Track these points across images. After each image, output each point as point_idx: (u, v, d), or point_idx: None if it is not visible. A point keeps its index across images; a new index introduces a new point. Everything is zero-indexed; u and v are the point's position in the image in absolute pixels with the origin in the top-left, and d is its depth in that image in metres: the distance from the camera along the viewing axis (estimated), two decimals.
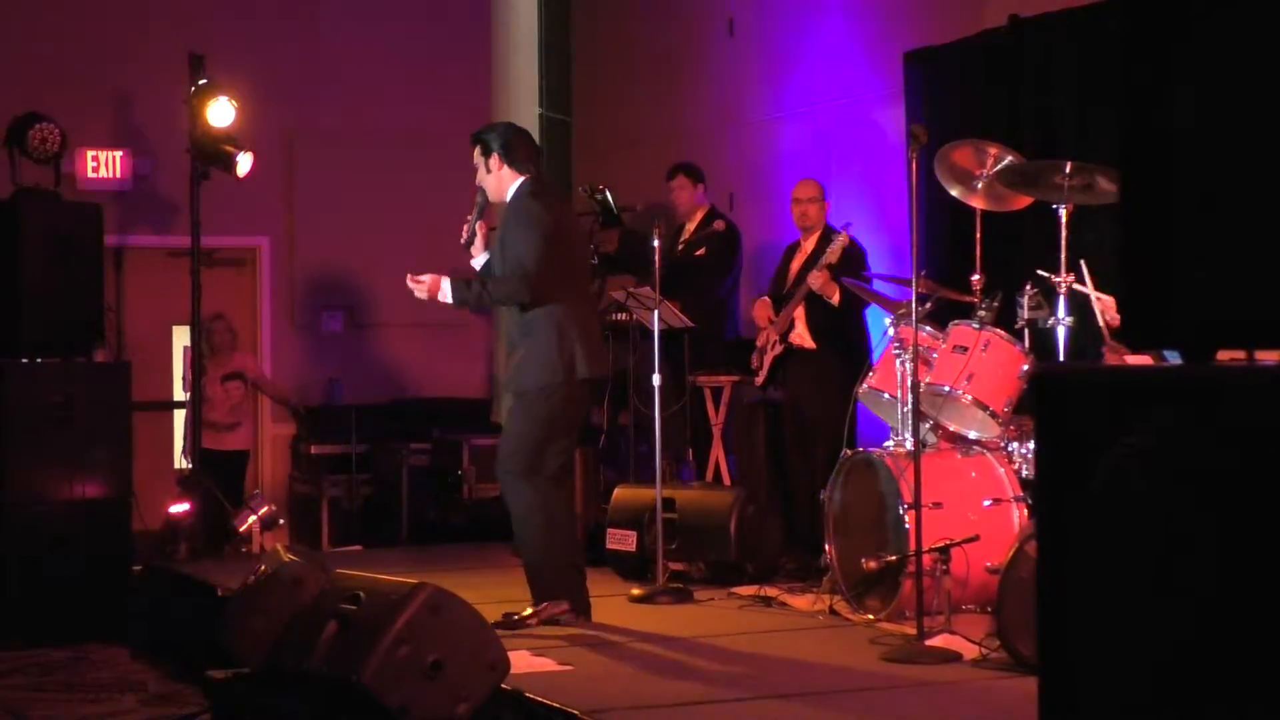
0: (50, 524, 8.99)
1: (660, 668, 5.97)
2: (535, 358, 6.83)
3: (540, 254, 6.79)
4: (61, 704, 7.29)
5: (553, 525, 6.87)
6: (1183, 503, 2.19)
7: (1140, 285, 2.39)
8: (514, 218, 6.91)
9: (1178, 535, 2.22)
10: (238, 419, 11.55)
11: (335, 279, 12.78)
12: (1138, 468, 2.26)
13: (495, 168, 6.98)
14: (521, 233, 6.85)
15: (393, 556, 9.51)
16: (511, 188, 6.98)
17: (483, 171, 7.01)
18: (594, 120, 12.77)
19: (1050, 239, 6.73)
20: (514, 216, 6.91)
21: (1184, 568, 2.22)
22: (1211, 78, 2.39)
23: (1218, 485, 2.12)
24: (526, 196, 6.94)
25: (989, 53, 8.79)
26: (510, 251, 6.85)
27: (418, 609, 5.10)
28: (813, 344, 8.52)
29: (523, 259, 6.80)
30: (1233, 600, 2.14)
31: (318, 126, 12.63)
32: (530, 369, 6.85)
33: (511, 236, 6.87)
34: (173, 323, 12.39)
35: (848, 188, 9.94)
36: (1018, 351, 6.83)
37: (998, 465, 6.83)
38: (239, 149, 9.76)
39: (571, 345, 6.84)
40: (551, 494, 6.88)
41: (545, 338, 6.83)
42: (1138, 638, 2.31)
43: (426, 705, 5.02)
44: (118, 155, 11.98)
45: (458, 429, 11.88)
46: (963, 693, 5.38)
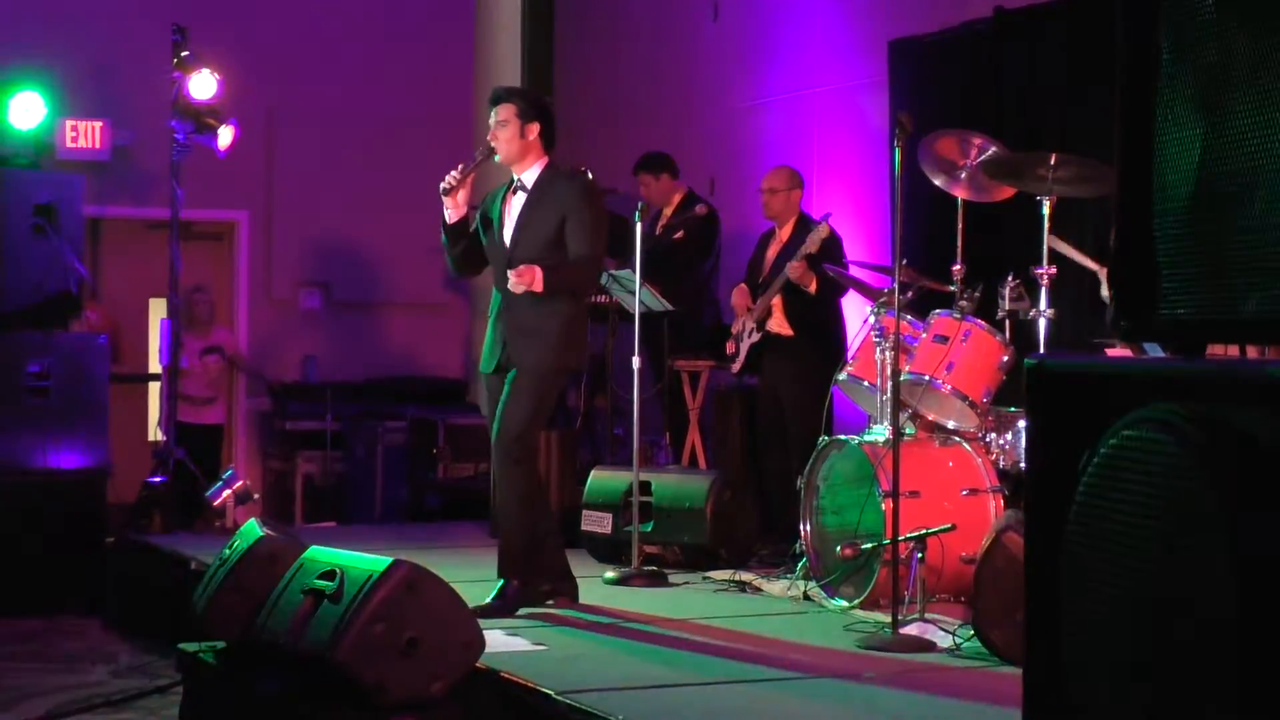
0: (25, 494, 9.02)
1: (634, 650, 5.98)
2: (558, 339, 6.70)
3: (604, 243, 6.85)
4: (32, 674, 7.30)
5: (547, 508, 6.85)
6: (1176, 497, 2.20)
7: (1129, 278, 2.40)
8: (583, 200, 6.76)
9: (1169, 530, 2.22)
10: (215, 393, 11.54)
11: (313, 255, 12.77)
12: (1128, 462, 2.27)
13: (530, 135, 6.75)
14: (596, 218, 6.78)
15: (367, 534, 9.49)
16: (537, 164, 6.79)
17: (510, 132, 6.74)
18: (576, 101, 12.74)
19: (1031, 230, 6.75)
20: (586, 200, 6.77)
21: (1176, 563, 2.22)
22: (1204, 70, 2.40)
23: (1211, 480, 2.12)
24: (591, 180, 6.85)
25: (974, 43, 8.80)
26: (586, 238, 6.71)
27: (394, 586, 5.09)
28: (790, 331, 8.52)
29: (598, 248, 6.79)
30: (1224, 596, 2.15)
31: (299, 102, 12.61)
32: (552, 349, 6.70)
33: (587, 220, 6.73)
34: (150, 295, 12.38)
35: (830, 175, 9.95)
36: (998, 342, 6.84)
37: (975, 455, 6.84)
38: (220, 122, 9.73)
39: (585, 334, 6.88)
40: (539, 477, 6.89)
41: (571, 323, 6.74)
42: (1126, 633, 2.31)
43: (402, 683, 5.01)
44: (98, 126, 11.95)
45: (433, 408, 11.89)
46: (937, 681, 5.39)
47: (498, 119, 6.78)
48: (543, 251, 6.71)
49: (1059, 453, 2.44)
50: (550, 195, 6.76)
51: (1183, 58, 2.34)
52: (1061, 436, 2.44)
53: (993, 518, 6.62)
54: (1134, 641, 2.28)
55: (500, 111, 6.79)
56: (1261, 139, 2.25)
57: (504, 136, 6.75)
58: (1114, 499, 2.29)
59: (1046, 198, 6.52)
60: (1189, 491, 2.12)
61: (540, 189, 6.78)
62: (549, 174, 6.81)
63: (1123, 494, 2.27)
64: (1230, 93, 2.25)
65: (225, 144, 9.80)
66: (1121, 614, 2.25)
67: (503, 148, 6.76)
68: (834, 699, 5.20)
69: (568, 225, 6.71)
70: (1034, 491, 2.55)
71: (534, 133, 6.76)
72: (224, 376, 11.68)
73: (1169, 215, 2.38)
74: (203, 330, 11.66)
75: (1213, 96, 2.29)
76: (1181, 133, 2.35)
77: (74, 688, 6.98)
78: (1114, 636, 2.28)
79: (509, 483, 6.71)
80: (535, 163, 6.81)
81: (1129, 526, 2.25)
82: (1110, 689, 2.29)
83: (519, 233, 6.79)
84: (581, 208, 6.74)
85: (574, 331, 6.78)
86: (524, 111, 6.76)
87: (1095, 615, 2.31)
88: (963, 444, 6.92)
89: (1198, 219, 2.32)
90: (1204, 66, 2.30)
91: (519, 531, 6.72)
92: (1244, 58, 2.22)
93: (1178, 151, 2.36)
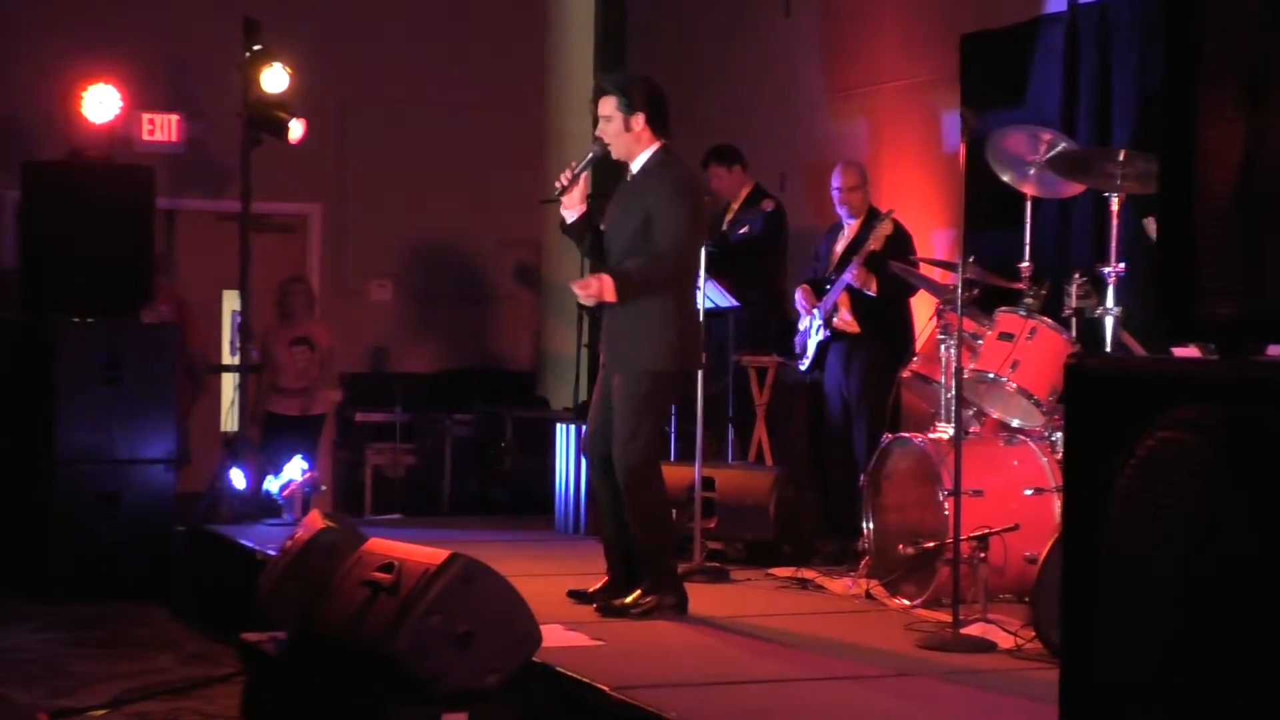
0: (96, 483, 9.11)
1: (692, 646, 5.96)
2: (654, 340, 6.44)
3: (690, 238, 6.55)
4: (98, 660, 7.37)
5: (669, 518, 6.68)
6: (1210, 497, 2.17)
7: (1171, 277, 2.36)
8: (672, 195, 6.47)
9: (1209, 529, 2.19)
10: (306, 384, 11.31)
11: (385, 247, 12.83)
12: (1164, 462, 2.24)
13: (636, 126, 6.47)
14: (679, 215, 6.47)
15: (431, 526, 9.52)
16: (647, 152, 6.53)
17: (615, 126, 6.47)
18: None
19: (1100, 227, 6.67)
20: (671, 194, 6.47)
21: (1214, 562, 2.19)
22: None
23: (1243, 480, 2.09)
24: (688, 172, 6.62)
25: (1047, 38, 8.72)
26: (665, 234, 6.43)
27: (450, 579, 5.10)
28: (856, 328, 8.48)
29: (680, 244, 6.47)
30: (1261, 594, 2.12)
31: (370, 94, 12.67)
32: (648, 351, 6.45)
33: (669, 216, 6.44)
34: (222, 287, 12.47)
35: (901, 171, 9.89)
36: (1064, 340, 6.77)
37: (1040, 454, 6.78)
38: (291, 115, 9.78)
39: (693, 334, 6.64)
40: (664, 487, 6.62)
41: (670, 321, 6.46)
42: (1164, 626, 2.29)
43: (457, 675, 5.03)
44: (173, 119, 12.06)
45: (502, 401, 11.91)
46: (998, 682, 5.34)
47: (601, 114, 6.52)
48: (629, 243, 6.49)
49: (1097, 452, 2.41)
50: (643, 187, 6.52)
51: (1225, 56, 2.30)
52: (1100, 436, 2.41)
53: (1057, 517, 6.56)
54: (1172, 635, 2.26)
55: (602, 106, 6.53)
56: None
57: (610, 132, 6.51)
58: (1151, 498, 2.26)
59: (1116, 194, 6.45)
60: (1222, 492, 2.09)
61: (640, 179, 6.55)
62: (654, 162, 6.53)
63: (1159, 493, 2.25)
64: (1273, 91, 2.22)
65: (296, 137, 9.84)
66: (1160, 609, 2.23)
67: (611, 143, 6.52)
68: (892, 698, 5.17)
69: (653, 220, 6.44)
70: (1072, 490, 2.52)
71: (640, 123, 6.48)
72: (313, 368, 11.52)
73: (1210, 214, 2.34)
74: (297, 321, 11.64)
75: (1255, 95, 2.25)
76: (1224, 131, 2.31)
77: (139, 674, 7.04)
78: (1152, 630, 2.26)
79: (630, 496, 6.46)
80: (645, 150, 6.54)
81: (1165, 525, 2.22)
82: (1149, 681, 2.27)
83: (613, 221, 6.59)
84: (666, 203, 6.45)
85: (673, 330, 6.47)
86: (626, 104, 6.47)
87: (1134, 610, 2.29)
88: (1028, 442, 6.86)
89: (1239, 217, 2.28)
90: (1246, 65, 2.26)
91: (653, 535, 6.51)
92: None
93: (1220, 150, 2.32)
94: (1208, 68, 2.33)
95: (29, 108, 11.47)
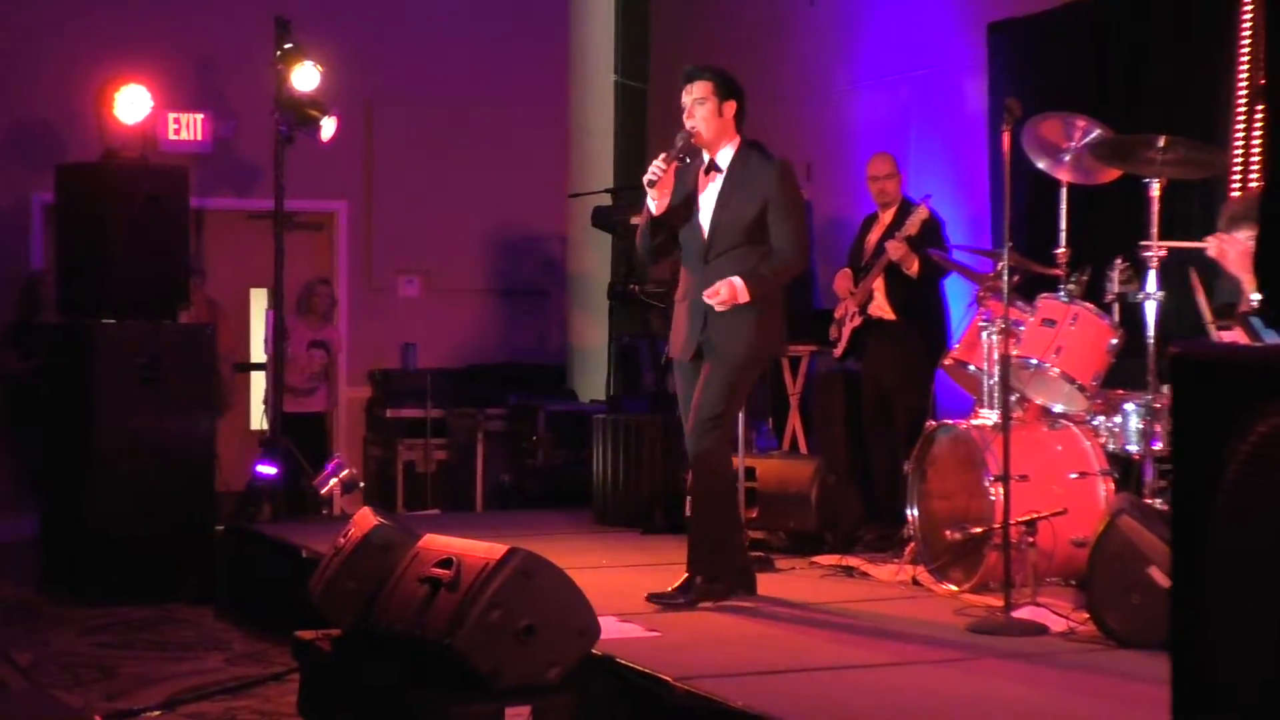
0: (136, 483, 9.13)
1: (746, 635, 6.00)
2: (757, 323, 6.50)
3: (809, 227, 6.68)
4: (151, 661, 7.40)
5: (736, 502, 6.75)
6: None
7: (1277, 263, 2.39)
8: (787, 185, 6.53)
9: None
10: (316, 384, 11.60)
11: (412, 243, 12.87)
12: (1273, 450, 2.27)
13: (728, 112, 6.54)
14: (799, 203, 6.60)
15: (473, 522, 9.57)
16: (731, 144, 6.58)
17: (708, 110, 6.52)
18: (671, 89, 12.74)
19: (1135, 212, 6.70)
20: (786, 184, 6.54)
21: None
22: None
23: None
24: (788, 163, 6.63)
25: (1075, 25, 8.75)
26: (787, 223, 6.49)
27: (510, 574, 5.13)
28: (892, 315, 8.52)
29: (805, 233, 6.62)
30: None
31: (396, 91, 12.70)
32: (752, 333, 6.50)
33: (790, 206, 6.52)
34: (251, 285, 12.52)
35: (927, 159, 9.92)
36: (1106, 325, 6.81)
37: (1084, 439, 6.81)
38: (323, 113, 9.82)
39: (784, 319, 6.71)
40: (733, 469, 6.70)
41: (773, 310, 6.56)
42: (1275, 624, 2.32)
43: (518, 669, 5.06)
44: (199, 118, 12.10)
45: (533, 395, 11.95)
46: (1054, 664, 5.38)
47: (695, 97, 6.55)
48: (741, 238, 6.50)
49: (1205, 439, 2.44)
50: (749, 179, 6.53)
51: None
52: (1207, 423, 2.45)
53: (1102, 501, 6.60)
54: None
55: (696, 89, 6.56)
56: None
57: (702, 114, 6.52)
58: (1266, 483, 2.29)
59: (1156, 180, 6.47)
60: None
61: (737, 171, 6.57)
62: (744, 155, 6.58)
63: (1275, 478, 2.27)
64: None
65: (329, 135, 9.89)
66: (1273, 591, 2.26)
67: (702, 126, 6.52)
68: (950, 683, 5.20)
69: (770, 213, 6.47)
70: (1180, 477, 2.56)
71: (731, 111, 6.55)
72: (324, 370, 11.75)
73: None
74: (317, 322, 11.75)
75: None
76: None
77: (191, 675, 7.08)
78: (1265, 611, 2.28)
79: (702, 474, 6.52)
80: (729, 143, 6.59)
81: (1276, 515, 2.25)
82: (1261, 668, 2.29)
83: (717, 216, 6.57)
84: (783, 194, 6.50)
85: (773, 316, 6.58)
86: (720, 89, 6.54)
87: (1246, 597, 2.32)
88: (1071, 427, 6.90)
89: None
90: None
91: (709, 525, 6.57)
92: None
93: None
94: None
95: (58, 110, 11.53)
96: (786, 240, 6.50)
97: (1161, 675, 4.95)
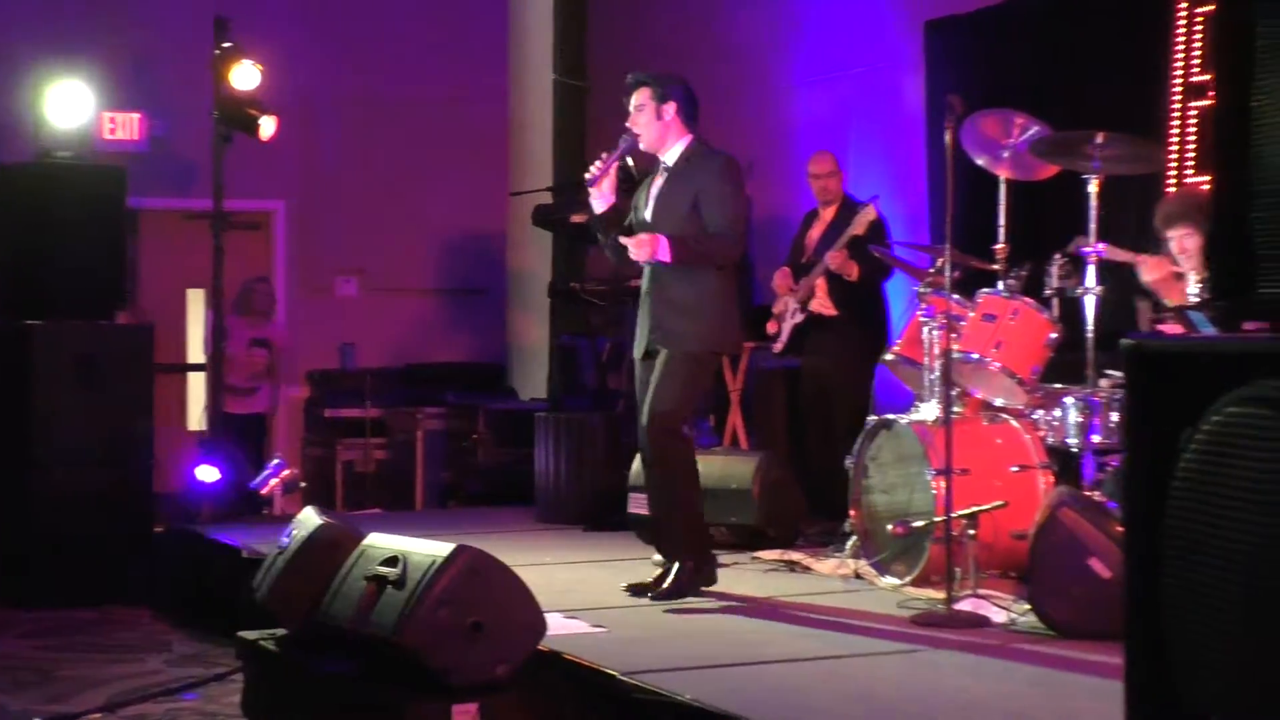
0: (75, 485, 9.04)
1: (690, 630, 6.02)
2: (709, 317, 6.60)
3: (741, 219, 6.67)
4: (91, 664, 7.34)
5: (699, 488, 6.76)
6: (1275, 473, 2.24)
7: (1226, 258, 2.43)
8: (719, 176, 6.64)
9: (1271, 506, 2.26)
10: (257, 383, 11.56)
11: (351, 242, 12.84)
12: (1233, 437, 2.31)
13: (667, 115, 6.66)
14: (731, 191, 6.63)
15: (416, 520, 9.54)
16: (679, 144, 6.69)
17: (647, 116, 6.65)
18: (610, 87, 12.76)
19: (1074, 208, 6.76)
20: (719, 175, 6.64)
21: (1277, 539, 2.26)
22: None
23: None
24: (728, 157, 6.73)
25: (1012, 22, 8.82)
26: (721, 209, 6.56)
27: (458, 571, 5.13)
28: (833, 311, 8.56)
29: (738, 218, 6.65)
30: None
31: (334, 91, 12.67)
32: (703, 327, 6.59)
33: (719, 193, 6.59)
34: (187, 285, 12.46)
35: (866, 156, 9.97)
36: (1045, 320, 6.87)
37: (1024, 432, 6.87)
38: (262, 113, 9.77)
39: (737, 314, 6.75)
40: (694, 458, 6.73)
41: (721, 301, 6.63)
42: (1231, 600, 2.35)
43: (467, 666, 5.05)
44: (135, 117, 12.03)
45: (473, 394, 11.95)
46: (996, 656, 5.43)
47: (634, 105, 6.70)
48: (678, 227, 6.59)
49: (1158, 429, 2.48)
50: (689, 173, 6.66)
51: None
52: (1160, 414, 2.48)
53: (1042, 494, 6.66)
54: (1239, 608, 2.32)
55: (636, 97, 6.70)
56: None
57: (642, 121, 6.67)
58: (1220, 473, 2.33)
59: (1094, 176, 6.54)
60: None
61: (680, 167, 6.70)
62: (690, 151, 6.70)
63: (1230, 468, 2.32)
64: None
65: (268, 135, 9.85)
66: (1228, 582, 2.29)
67: (643, 132, 6.67)
68: (895, 675, 5.24)
69: (701, 201, 6.59)
70: (1133, 467, 2.59)
71: (671, 112, 6.66)
72: (266, 369, 11.71)
73: (1267, 196, 2.42)
74: (256, 320, 11.69)
75: None
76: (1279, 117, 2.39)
77: (132, 677, 7.03)
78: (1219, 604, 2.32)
79: (665, 465, 6.58)
80: (677, 142, 6.71)
81: (1236, 499, 2.29)
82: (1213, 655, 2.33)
83: (657, 210, 6.70)
84: (715, 184, 6.62)
85: (725, 310, 6.65)
86: (657, 93, 6.67)
87: (1199, 584, 2.36)
88: (1010, 421, 6.95)
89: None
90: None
91: (683, 512, 6.62)
92: None
93: (1275, 135, 2.39)
94: (1262, 55, 2.40)
95: None
96: (716, 223, 6.59)
97: (1103, 665, 5.05)
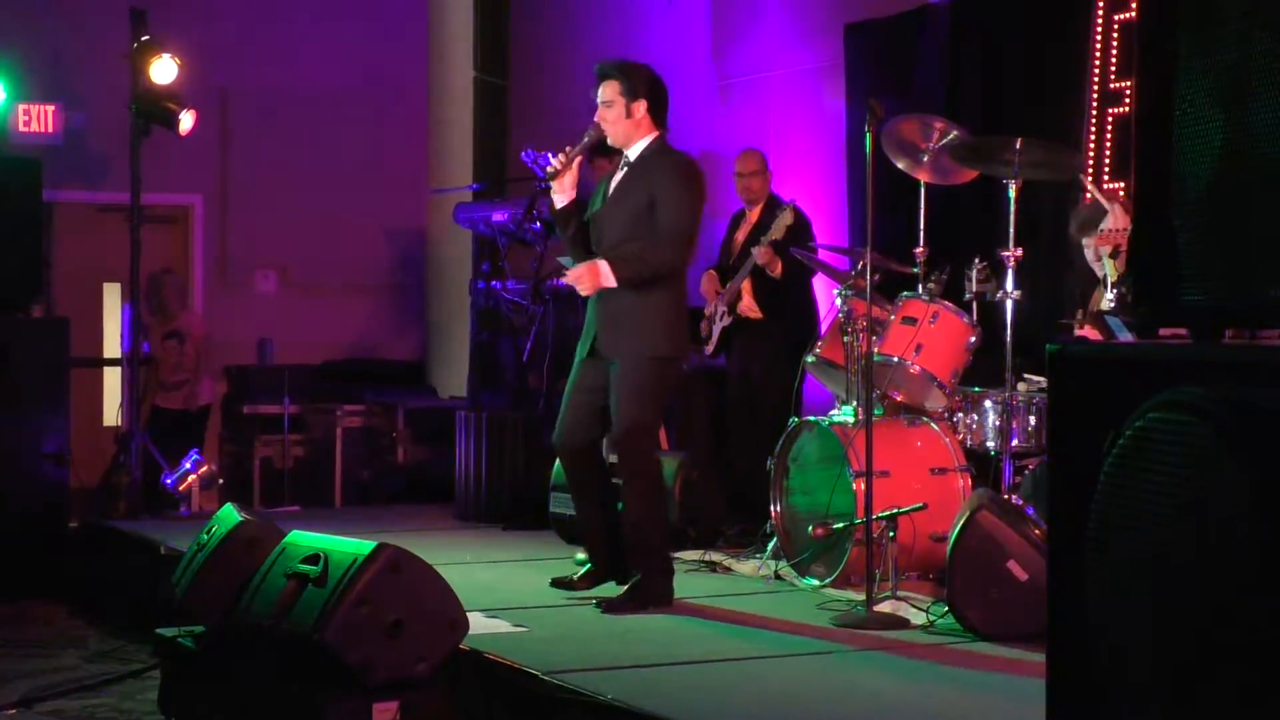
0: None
1: (611, 630, 6.03)
2: (652, 326, 6.38)
3: (693, 222, 6.43)
4: (5, 659, 7.26)
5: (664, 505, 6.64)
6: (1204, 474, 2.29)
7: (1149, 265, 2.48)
8: (675, 177, 6.39)
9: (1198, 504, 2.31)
10: (185, 376, 11.39)
11: (269, 237, 12.76)
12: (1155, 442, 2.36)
13: (637, 112, 6.40)
14: (685, 196, 6.38)
15: (335, 518, 9.51)
16: (645, 140, 6.45)
17: (616, 111, 6.40)
18: (531, 86, 12.77)
19: (992, 212, 6.84)
20: (675, 176, 6.40)
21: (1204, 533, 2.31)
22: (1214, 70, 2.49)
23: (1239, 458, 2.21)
24: (687, 158, 6.53)
25: (931, 26, 8.89)
26: (670, 214, 6.33)
27: (379, 569, 5.12)
28: (760, 314, 8.61)
29: (685, 225, 6.38)
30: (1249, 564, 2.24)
31: (252, 85, 12.59)
32: (646, 338, 6.37)
33: (672, 196, 6.35)
34: (103, 279, 12.34)
35: (786, 159, 10.02)
36: (965, 324, 6.94)
37: (943, 435, 6.94)
38: (181, 106, 9.70)
39: (684, 320, 6.56)
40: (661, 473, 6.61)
41: (665, 309, 6.39)
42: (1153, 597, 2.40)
43: (387, 663, 5.05)
44: (49, 109, 11.90)
45: (392, 391, 11.90)
46: (914, 657, 5.49)
47: (602, 98, 6.45)
48: (627, 228, 6.40)
49: (1081, 434, 2.52)
50: (646, 172, 6.42)
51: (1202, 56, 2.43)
52: (1083, 418, 2.53)
53: (961, 496, 6.73)
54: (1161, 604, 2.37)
55: (604, 90, 6.45)
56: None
57: (610, 117, 6.43)
58: (1143, 476, 2.38)
59: (1013, 181, 6.60)
60: (1217, 469, 2.21)
61: (640, 166, 6.45)
62: (651, 150, 6.46)
63: (1152, 471, 2.37)
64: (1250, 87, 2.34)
65: (187, 128, 9.77)
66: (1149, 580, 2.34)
67: (609, 129, 6.45)
68: (814, 675, 5.29)
69: (656, 202, 6.34)
70: (1057, 470, 2.63)
71: (641, 110, 6.42)
72: (187, 361, 11.56)
73: (1189, 204, 2.47)
74: (169, 314, 11.58)
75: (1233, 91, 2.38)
76: (1201, 127, 2.44)
77: (47, 673, 6.96)
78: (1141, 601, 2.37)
79: (642, 478, 6.41)
80: (645, 138, 6.47)
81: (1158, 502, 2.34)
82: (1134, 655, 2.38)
83: (609, 209, 6.48)
84: (670, 187, 6.37)
85: (670, 318, 6.42)
86: (629, 89, 6.40)
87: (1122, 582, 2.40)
88: (930, 424, 7.02)
89: (1218, 207, 2.41)
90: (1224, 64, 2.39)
91: (660, 524, 6.53)
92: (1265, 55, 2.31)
93: (1197, 144, 2.45)
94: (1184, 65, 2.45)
95: None
96: (660, 229, 6.36)
97: (1020, 665, 5.11)
